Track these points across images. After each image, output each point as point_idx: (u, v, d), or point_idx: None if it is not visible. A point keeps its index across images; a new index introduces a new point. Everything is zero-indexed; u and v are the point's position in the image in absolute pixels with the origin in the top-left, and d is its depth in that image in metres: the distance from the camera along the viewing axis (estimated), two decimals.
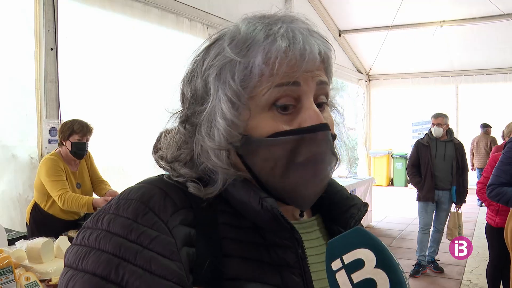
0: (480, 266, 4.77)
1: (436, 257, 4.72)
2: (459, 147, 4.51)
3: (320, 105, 0.62)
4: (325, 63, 0.63)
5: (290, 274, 0.59)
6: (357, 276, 0.52)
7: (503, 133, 4.37)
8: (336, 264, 0.53)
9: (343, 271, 0.53)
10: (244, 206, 0.60)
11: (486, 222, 3.48)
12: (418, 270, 4.62)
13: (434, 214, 4.58)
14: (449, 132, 4.54)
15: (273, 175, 0.59)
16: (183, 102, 0.65)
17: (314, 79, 0.60)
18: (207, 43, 0.63)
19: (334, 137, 0.64)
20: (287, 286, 0.58)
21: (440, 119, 4.45)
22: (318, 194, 0.63)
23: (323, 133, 0.60)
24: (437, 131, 4.44)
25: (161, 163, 0.66)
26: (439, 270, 4.68)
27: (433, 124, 4.48)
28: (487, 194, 2.93)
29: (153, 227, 0.54)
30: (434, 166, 4.47)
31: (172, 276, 0.52)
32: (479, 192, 3.48)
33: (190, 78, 0.64)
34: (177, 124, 0.65)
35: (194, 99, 0.62)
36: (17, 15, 3.49)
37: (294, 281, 0.59)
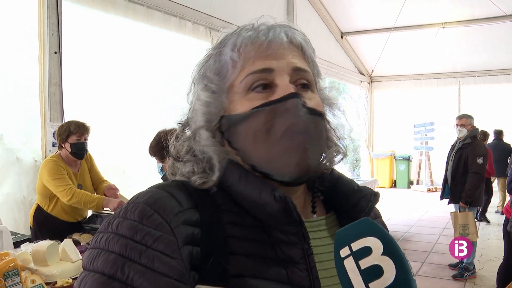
0: (484, 267, 4.76)
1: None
2: (465, 147, 4.34)
3: (303, 86, 0.65)
4: (301, 50, 0.67)
5: (296, 270, 0.61)
6: (364, 263, 0.53)
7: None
8: (344, 252, 0.55)
9: (351, 258, 0.54)
10: (251, 202, 0.62)
11: (505, 217, 3.45)
12: (463, 274, 4.48)
13: None
14: (471, 132, 4.41)
15: (256, 149, 0.62)
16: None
17: (289, 65, 0.64)
18: None
19: (320, 114, 0.66)
20: (293, 281, 0.60)
21: (464, 120, 4.42)
22: (306, 167, 0.63)
23: (292, 100, 0.61)
24: (460, 132, 4.40)
25: (177, 157, 0.69)
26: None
27: (457, 125, 4.44)
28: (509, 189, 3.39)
29: (157, 227, 0.56)
30: (447, 166, 4.57)
31: (173, 273, 0.54)
32: (508, 185, 3.51)
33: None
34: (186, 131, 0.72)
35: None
36: (21, 18, 3.51)
37: (300, 276, 0.61)
